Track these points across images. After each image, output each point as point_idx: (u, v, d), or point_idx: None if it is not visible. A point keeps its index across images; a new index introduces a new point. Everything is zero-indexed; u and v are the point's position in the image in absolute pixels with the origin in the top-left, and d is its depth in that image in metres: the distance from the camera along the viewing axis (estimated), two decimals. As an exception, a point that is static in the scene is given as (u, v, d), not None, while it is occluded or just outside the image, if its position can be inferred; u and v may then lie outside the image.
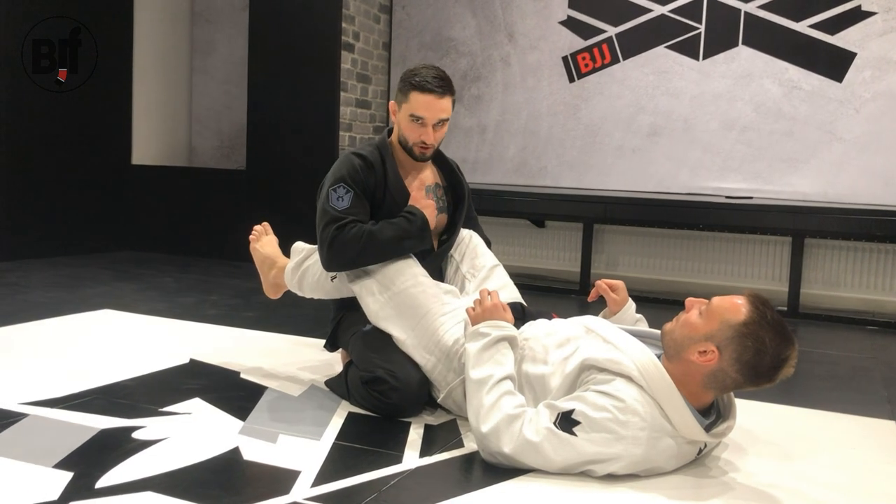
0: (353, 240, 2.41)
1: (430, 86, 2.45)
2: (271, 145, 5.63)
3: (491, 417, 1.95)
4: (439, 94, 2.47)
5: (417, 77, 2.47)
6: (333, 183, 2.49)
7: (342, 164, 2.54)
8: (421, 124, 2.49)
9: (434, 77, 2.47)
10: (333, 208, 2.46)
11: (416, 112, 2.48)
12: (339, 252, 2.43)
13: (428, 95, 2.46)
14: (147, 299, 4.15)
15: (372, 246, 2.41)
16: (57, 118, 5.51)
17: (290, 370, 2.86)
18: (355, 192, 2.48)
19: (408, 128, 2.52)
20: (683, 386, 1.91)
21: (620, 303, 2.46)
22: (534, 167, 5.66)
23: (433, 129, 2.50)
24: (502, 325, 2.16)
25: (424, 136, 2.51)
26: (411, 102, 2.48)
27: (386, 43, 6.09)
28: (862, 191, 4.80)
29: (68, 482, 1.77)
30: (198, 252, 5.84)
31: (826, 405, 2.74)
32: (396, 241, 2.43)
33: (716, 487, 1.92)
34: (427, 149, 2.55)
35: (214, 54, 6.46)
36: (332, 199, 2.47)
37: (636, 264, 5.25)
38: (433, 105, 2.47)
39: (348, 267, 2.48)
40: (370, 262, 2.45)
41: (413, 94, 2.47)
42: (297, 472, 1.89)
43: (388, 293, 2.43)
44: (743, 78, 5.07)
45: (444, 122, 2.53)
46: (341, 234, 2.42)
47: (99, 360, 2.90)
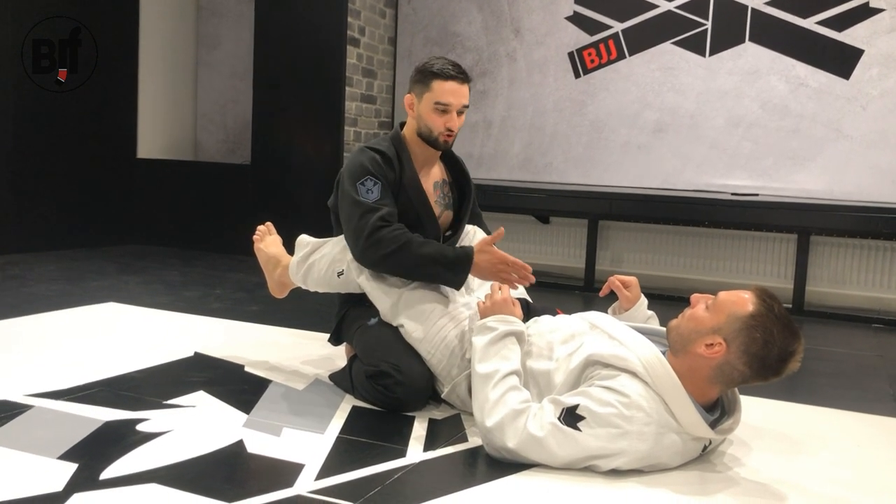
0: (391, 240, 2.37)
1: (452, 72, 2.49)
2: (276, 140, 5.63)
3: (496, 412, 1.94)
4: (461, 81, 2.50)
5: (437, 66, 2.50)
6: (359, 177, 2.47)
7: (362, 158, 2.52)
8: (445, 111, 2.50)
9: (453, 65, 2.52)
10: (366, 201, 2.44)
11: (441, 99, 2.48)
12: (374, 245, 2.38)
13: (451, 82, 2.48)
14: (152, 293, 4.15)
15: (405, 252, 2.36)
16: (63, 113, 5.51)
17: (295, 364, 2.86)
18: (383, 184, 2.47)
19: (431, 117, 2.52)
20: (689, 381, 1.90)
21: (633, 300, 2.45)
22: (539, 163, 5.65)
23: (457, 115, 2.52)
24: (510, 320, 2.15)
25: (450, 123, 2.51)
26: (434, 91, 2.49)
27: (392, 38, 6.09)
28: (868, 188, 4.79)
29: (72, 474, 1.78)
30: (202, 246, 5.84)
31: (831, 402, 2.74)
32: (429, 261, 2.37)
33: (720, 483, 1.92)
34: (451, 136, 2.55)
35: (220, 48, 6.46)
36: (361, 192, 2.45)
37: (641, 261, 5.25)
38: (457, 91, 2.49)
39: (377, 264, 2.43)
40: (396, 268, 2.41)
41: (436, 83, 2.48)
42: (301, 466, 1.89)
43: (398, 288, 2.43)
44: (749, 75, 5.05)
45: (465, 110, 2.55)
46: (383, 229, 2.38)
47: (103, 352, 2.90)
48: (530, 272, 2.39)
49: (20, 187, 5.30)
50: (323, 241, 2.71)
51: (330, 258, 2.62)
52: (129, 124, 6.05)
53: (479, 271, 2.39)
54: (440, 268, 2.37)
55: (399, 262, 2.39)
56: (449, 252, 2.39)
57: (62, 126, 5.54)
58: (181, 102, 6.47)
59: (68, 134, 5.58)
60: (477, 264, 2.38)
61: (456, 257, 2.38)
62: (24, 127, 5.30)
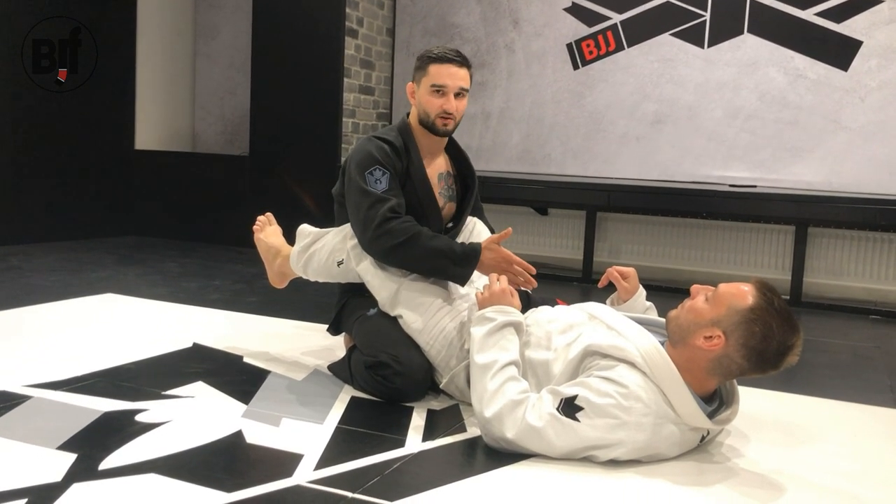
0: (401, 231, 2.37)
1: (448, 56, 2.52)
2: (274, 131, 5.61)
3: (494, 402, 1.95)
4: (458, 64, 2.52)
5: (435, 51, 2.54)
6: (368, 166, 2.47)
7: (370, 147, 2.51)
8: (441, 94, 2.51)
9: (451, 50, 2.55)
10: (374, 191, 2.44)
11: (436, 81, 2.50)
12: (383, 236, 2.38)
13: (447, 64, 2.51)
14: (150, 284, 4.15)
15: (414, 244, 2.36)
16: (61, 105, 5.50)
17: (294, 354, 2.87)
18: (391, 174, 2.47)
19: (428, 100, 2.53)
20: (687, 372, 1.91)
21: (631, 290, 2.45)
22: (538, 154, 5.64)
23: (454, 98, 2.52)
24: (508, 311, 2.15)
25: (446, 105, 2.51)
26: (431, 74, 2.51)
27: (390, 29, 6.07)
28: (866, 180, 4.79)
29: (72, 464, 1.78)
30: (201, 237, 5.84)
31: (829, 393, 2.74)
32: (438, 254, 2.36)
33: (719, 474, 1.92)
34: (449, 118, 2.54)
35: (218, 39, 6.45)
36: (369, 182, 2.45)
37: (639, 252, 5.25)
38: (453, 73, 2.51)
39: (386, 255, 2.42)
40: (404, 260, 2.40)
41: (432, 66, 2.51)
42: (301, 456, 1.90)
43: (397, 278, 2.43)
44: (748, 66, 5.05)
45: (464, 94, 2.55)
46: (393, 220, 2.38)
47: (102, 343, 2.90)
48: (534, 274, 2.40)
49: (19, 178, 5.29)
50: (324, 231, 2.71)
51: (330, 248, 2.62)
52: (127, 116, 6.04)
53: (484, 268, 2.40)
54: (448, 262, 2.37)
55: (407, 253, 2.38)
56: (457, 247, 2.39)
57: (62, 126, 5.54)
58: (179, 94, 6.46)
59: (67, 126, 5.57)
60: (482, 262, 2.39)
61: (464, 253, 2.38)
62: (24, 127, 5.30)
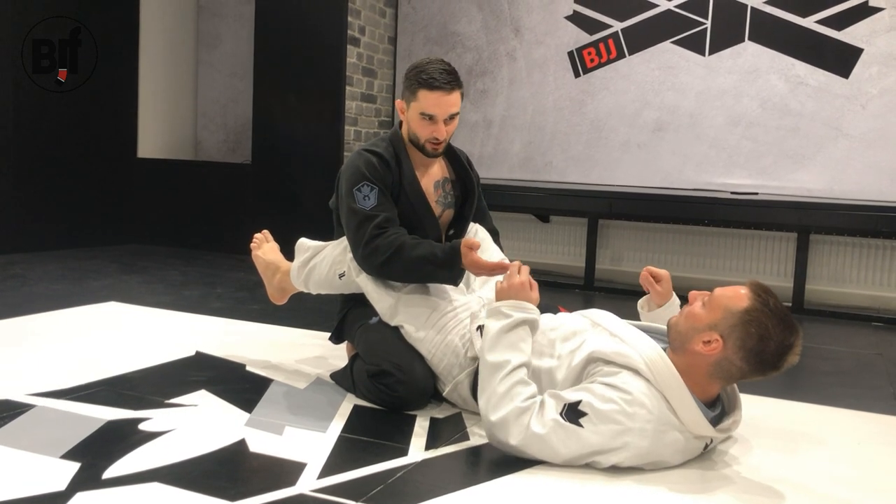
0: (386, 247, 2.37)
1: (437, 83, 2.42)
2: (277, 139, 5.63)
3: (501, 407, 1.94)
4: (448, 90, 2.44)
5: (424, 74, 2.43)
6: (356, 183, 2.46)
7: (359, 162, 2.50)
8: (432, 121, 2.47)
9: (441, 72, 2.44)
10: (362, 208, 2.43)
11: (426, 110, 2.45)
12: (371, 254, 2.39)
13: (436, 92, 2.43)
14: (153, 292, 4.16)
15: (399, 257, 2.36)
16: (63, 112, 5.51)
17: (296, 363, 2.87)
18: (379, 189, 2.45)
19: (418, 126, 2.49)
20: (689, 378, 1.91)
21: (664, 295, 2.40)
22: (539, 162, 5.65)
23: (444, 123, 2.48)
24: (526, 307, 2.10)
25: (436, 133, 2.48)
26: (420, 101, 2.45)
27: (392, 37, 6.09)
28: (868, 187, 4.79)
29: (75, 473, 1.78)
30: (203, 245, 5.85)
31: (831, 400, 2.74)
32: (422, 262, 2.35)
33: (721, 481, 1.92)
34: (439, 145, 2.52)
35: (220, 47, 6.46)
36: (357, 199, 2.44)
37: (641, 259, 5.24)
38: (442, 101, 2.44)
39: (378, 272, 2.42)
40: (395, 274, 2.40)
41: (421, 93, 2.44)
42: (303, 465, 1.90)
43: (396, 289, 2.43)
44: (749, 73, 5.06)
45: (455, 117, 2.51)
46: (379, 237, 2.38)
47: (105, 351, 2.90)
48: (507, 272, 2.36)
49: (21, 187, 5.30)
50: (323, 245, 2.71)
51: (331, 260, 2.62)
52: (129, 124, 6.05)
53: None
54: (433, 267, 2.36)
55: (395, 267, 2.38)
56: (438, 251, 2.37)
57: (62, 126, 5.54)
58: (181, 102, 6.47)
59: (68, 134, 5.58)
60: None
61: (445, 254, 2.36)
62: (25, 127, 5.30)
